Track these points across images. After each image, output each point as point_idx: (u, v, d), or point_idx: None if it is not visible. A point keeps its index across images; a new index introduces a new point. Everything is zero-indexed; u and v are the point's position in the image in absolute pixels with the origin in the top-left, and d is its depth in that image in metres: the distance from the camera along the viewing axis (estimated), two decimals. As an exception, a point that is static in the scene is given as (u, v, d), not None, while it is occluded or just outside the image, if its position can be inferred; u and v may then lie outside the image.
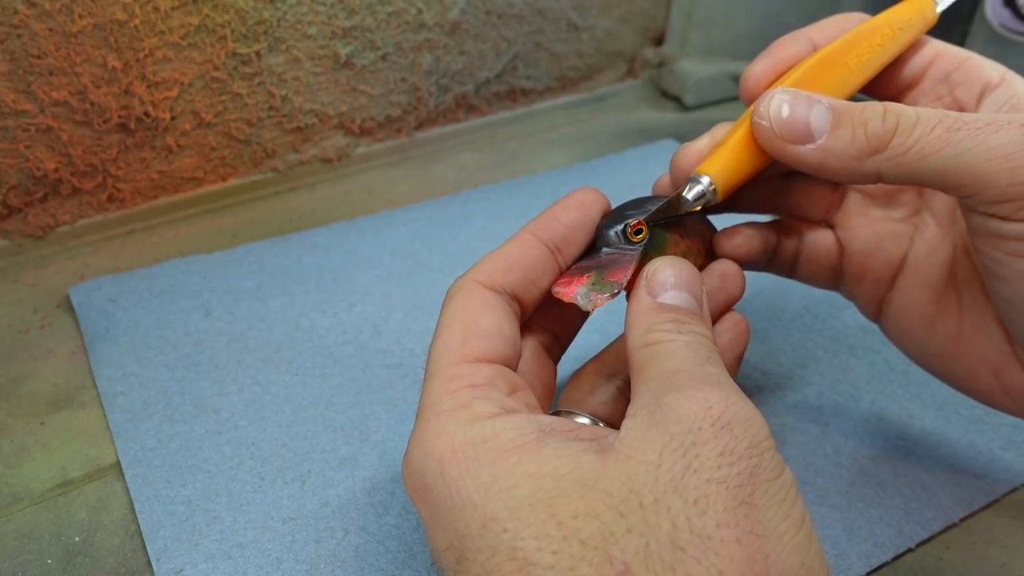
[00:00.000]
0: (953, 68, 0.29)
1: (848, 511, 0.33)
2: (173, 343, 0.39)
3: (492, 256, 0.28)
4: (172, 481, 0.33)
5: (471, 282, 0.27)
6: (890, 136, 0.25)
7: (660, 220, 0.28)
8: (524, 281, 0.27)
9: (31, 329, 0.40)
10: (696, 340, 0.24)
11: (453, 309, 0.26)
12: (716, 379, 0.22)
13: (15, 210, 0.44)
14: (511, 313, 0.27)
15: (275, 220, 0.48)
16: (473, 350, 0.25)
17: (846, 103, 0.26)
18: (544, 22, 0.55)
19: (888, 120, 0.25)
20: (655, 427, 0.21)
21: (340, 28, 0.48)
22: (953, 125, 0.24)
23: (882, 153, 0.25)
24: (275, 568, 0.30)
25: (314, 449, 0.35)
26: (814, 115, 0.26)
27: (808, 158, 0.26)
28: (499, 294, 0.27)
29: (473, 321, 0.26)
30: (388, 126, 0.53)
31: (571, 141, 0.56)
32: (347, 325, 0.40)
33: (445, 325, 0.26)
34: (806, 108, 0.26)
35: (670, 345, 0.24)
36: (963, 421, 0.37)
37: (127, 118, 0.44)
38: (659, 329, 0.24)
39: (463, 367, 0.25)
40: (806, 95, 0.26)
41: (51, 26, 0.40)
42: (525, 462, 0.22)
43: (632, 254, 0.27)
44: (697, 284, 0.26)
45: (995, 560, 0.32)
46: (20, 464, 0.34)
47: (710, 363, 0.23)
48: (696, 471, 0.20)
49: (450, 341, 0.25)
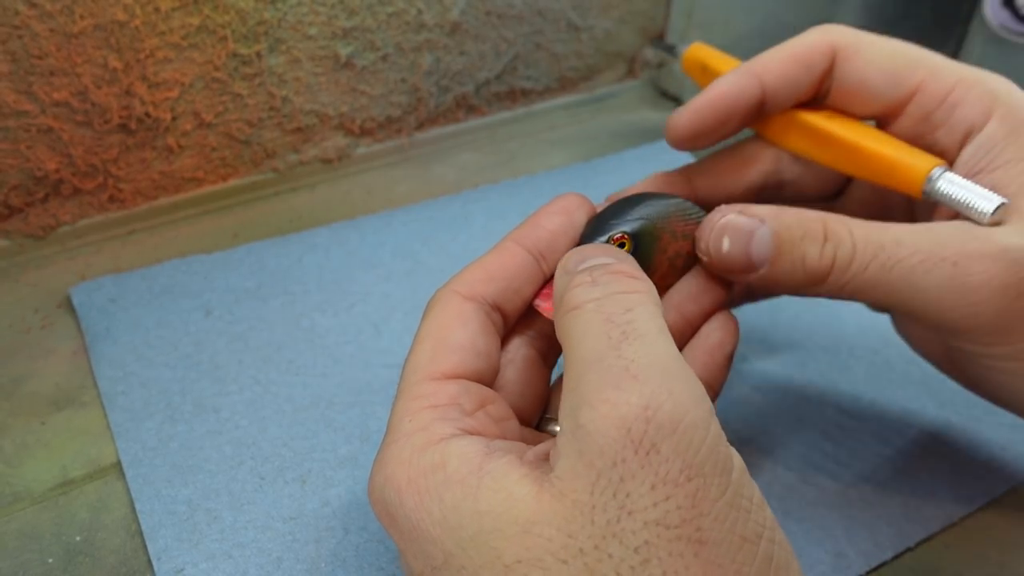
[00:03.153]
0: (935, 105, 0.27)
1: (847, 510, 0.33)
2: (174, 343, 0.39)
3: (473, 265, 0.27)
4: (173, 481, 0.33)
5: (449, 293, 0.26)
6: (827, 272, 0.25)
7: (648, 225, 0.27)
8: (506, 291, 0.27)
9: (32, 329, 0.41)
10: (610, 297, 0.22)
11: (428, 322, 0.26)
12: (634, 368, 0.20)
13: (16, 210, 0.44)
14: (489, 325, 0.26)
15: (275, 220, 0.48)
16: (441, 366, 0.25)
17: (789, 226, 0.25)
18: (544, 23, 0.55)
19: (825, 256, 0.25)
20: (580, 459, 0.20)
21: (340, 29, 0.48)
22: (886, 263, 0.24)
23: (823, 284, 0.25)
24: (276, 567, 0.30)
25: (314, 449, 0.35)
26: (755, 246, 0.25)
27: (755, 282, 0.26)
28: (478, 305, 0.26)
29: (445, 335, 0.25)
30: (388, 126, 0.53)
31: (571, 141, 0.56)
32: (347, 325, 0.40)
33: (419, 340, 0.26)
34: (746, 240, 0.25)
35: (583, 314, 0.22)
36: (962, 421, 0.37)
37: (128, 118, 0.44)
38: (575, 285, 0.23)
39: (427, 385, 0.24)
40: (748, 223, 0.26)
41: (52, 27, 0.40)
42: (467, 498, 0.21)
43: None
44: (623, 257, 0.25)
45: (994, 559, 0.32)
46: (21, 464, 0.34)
47: (628, 336, 0.21)
48: (631, 513, 0.19)
49: (419, 357, 0.25)
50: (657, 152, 0.54)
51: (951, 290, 0.24)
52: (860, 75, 0.28)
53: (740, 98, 0.28)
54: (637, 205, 0.28)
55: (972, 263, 0.24)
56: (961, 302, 0.24)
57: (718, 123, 0.29)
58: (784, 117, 0.30)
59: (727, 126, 0.29)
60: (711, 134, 0.29)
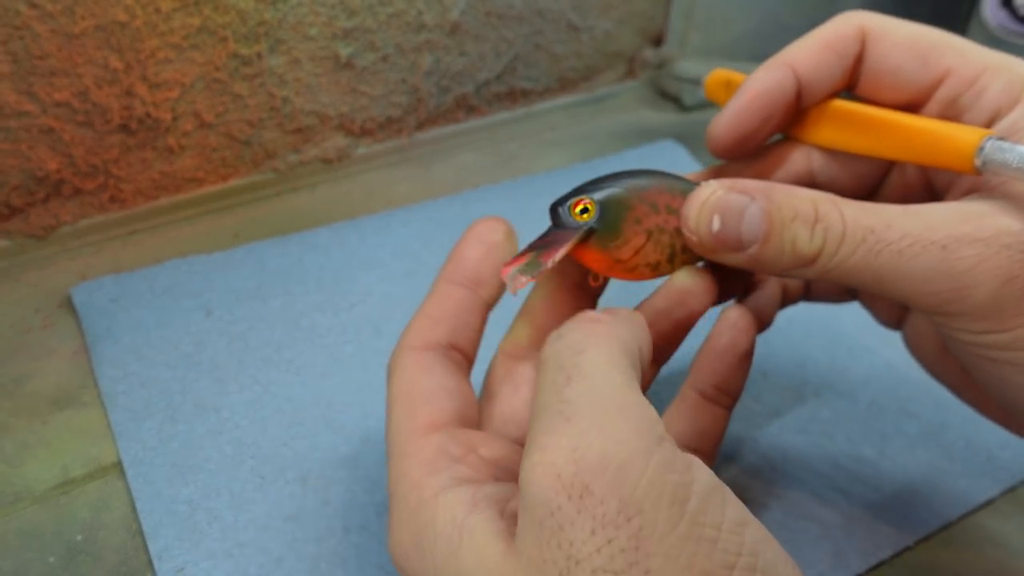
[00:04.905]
0: (964, 89, 0.27)
1: (846, 510, 0.33)
2: (174, 343, 0.39)
3: (416, 318, 0.27)
4: (173, 480, 0.33)
5: (404, 351, 0.27)
6: (815, 255, 0.24)
7: (619, 192, 0.26)
8: (455, 328, 0.27)
9: (33, 329, 0.41)
10: (565, 345, 0.21)
11: (394, 385, 0.26)
12: (568, 410, 0.19)
13: (17, 210, 0.44)
14: (451, 365, 0.27)
15: (276, 220, 0.48)
16: (420, 420, 0.25)
17: (780, 205, 0.24)
18: (544, 23, 0.55)
19: (815, 239, 0.24)
20: (525, 513, 0.19)
21: (341, 29, 0.48)
22: (874, 247, 0.23)
23: (810, 267, 0.24)
24: (276, 567, 0.30)
25: (315, 448, 0.35)
26: (746, 225, 0.24)
27: (740, 262, 0.25)
28: (434, 351, 0.26)
29: (413, 390, 0.25)
30: (388, 127, 0.53)
31: (571, 142, 0.57)
32: (347, 325, 0.41)
33: (391, 402, 0.26)
34: (737, 220, 0.24)
35: (541, 369, 0.22)
36: (961, 421, 0.37)
37: (128, 119, 0.44)
38: (547, 343, 0.22)
39: (413, 443, 0.24)
40: (739, 200, 0.24)
41: (53, 27, 0.40)
42: (451, 556, 0.21)
43: (571, 233, 0.25)
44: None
45: (993, 559, 0.32)
46: (22, 463, 0.34)
47: (572, 379, 0.20)
48: (578, 562, 0.18)
49: (398, 418, 0.25)
50: (657, 152, 0.54)
51: (940, 273, 0.23)
52: (891, 59, 0.27)
53: (778, 91, 0.27)
54: (618, 177, 0.27)
55: (962, 246, 0.23)
56: (950, 286, 0.23)
57: (760, 123, 0.28)
58: (817, 109, 0.29)
59: (769, 125, 0.28)
60: (754, 136, 0.28)
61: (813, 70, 0.27)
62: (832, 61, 0.27)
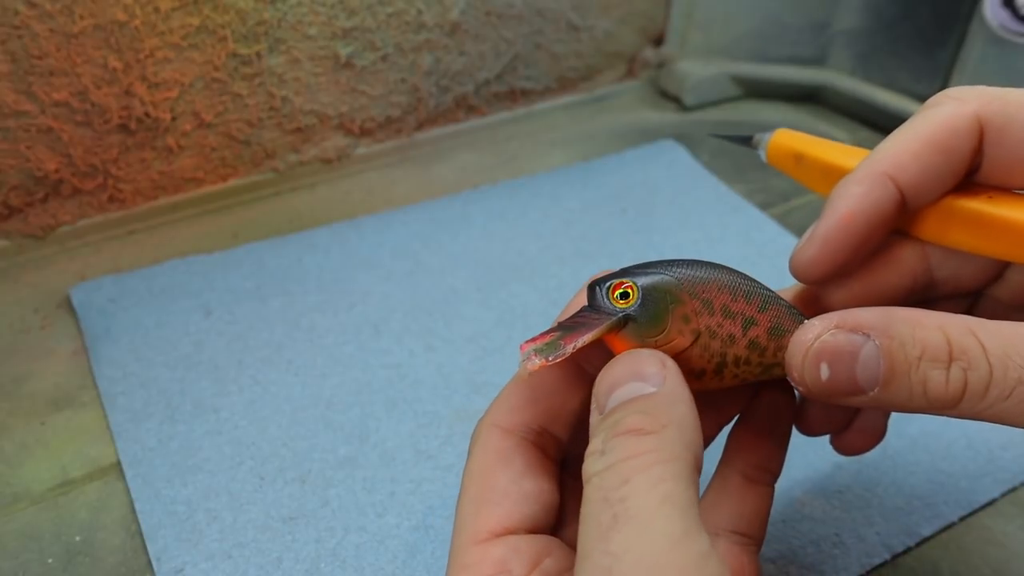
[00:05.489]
0: None
1: (847, 511, 0.33)
2: (173, 343, 0.39)
3: (508, 388, 0.24)
4: (172, 481, 0.33)
5: (488, 428, 0.24)
6: (956, 400, 0.20)
7: (669, 282, 0.23)
8: (550, 411, 0.24)
9: (32, 329, 0.41)
10: (610, 468, 0.19)
11: (471, 467, 0.24)
12: (617, 571, 0.17)
13: (16, 210, 0.44)
14: (536, 457, 0.24)
15: (275, 220, 0.48)
16: (487, 523, 0.22)
17: (903, 342, 0.20)
18: (544, 23, 0.55)
19: (953, 382, 0.20)
20: None
21: (340, 29, 0.48)
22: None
23: (952, 410, 0.21)
24: (275, 567, 0.30)
25: (314, 449, 0.35)
26: (861, 369, 0.21)
27: (861, 405, 0.22)
28: (520, 439, 0.24)
29: (486, 484, 0.23)
30: (388, 126, 0.53)
31: (571, 141, 0.56)
32: (347, 325, 0.40)
33: (464, 488, 0.23)
34: (849, 364, 0.21)
35: (587, 491, 0.19)
36: (962, 421, 0.37)
37: (128, 118, 0.44)
38: (588, 453, 0.20)
39: (474, 552, 0.22)
40: (850, 342, 0.21)
41: (52, 27, 0.40)
42: None
43: (604, 319, 0.22)
44: (655, 367, 0.21)
45: (994, 560, 0.32)
46: (21, 464, 0.34)
47: (619, 520, 0.18)
48: None
49: (464, 513, 0.23)
50: (657, 152, 0.54)
51: None
52: (1019, 149, 0.23)
53: (875, 212, 0.23)
54: (676, 263, 0.23)
55: None
56: None
57: (856, 249, 0.23)
58: (934, 210, 0.24)
59: (866, 248, 0.24)
60: (850, 263, 0.24)
61: (919, 178, 0.23)
62: (942, 164, 0.23)
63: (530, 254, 0.45)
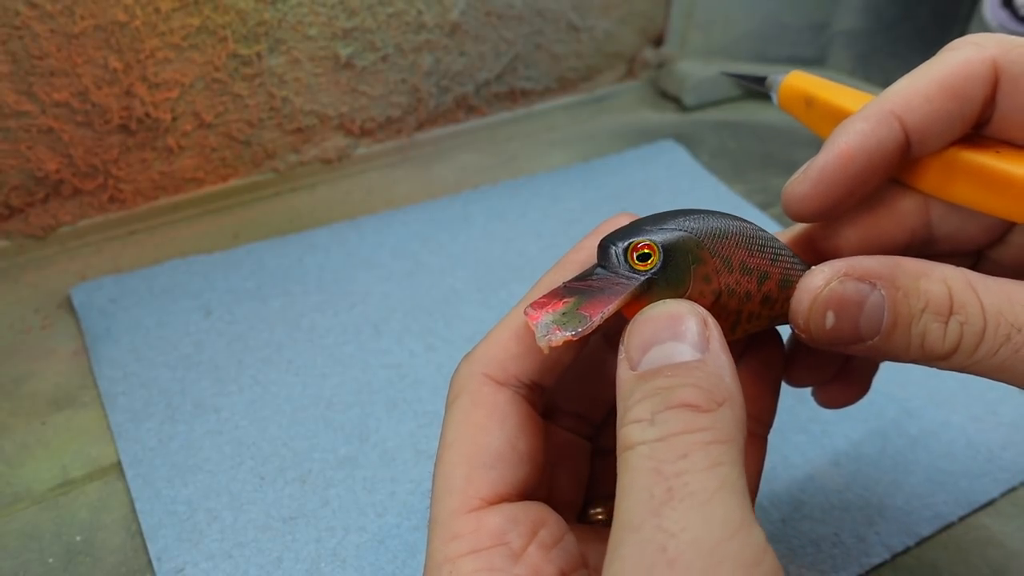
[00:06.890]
0: None
1: (847, 510, 0.33)
2: (174, 343, 0.39)
3: (501, 334, 0.22)
4: (173, 481, 0.33)
5: (478, 378, 0.22)
6: (949, 353, 0.20)
7: (690, 240, 0.21)
8: (547, 363, 0.22)
9: (32, 329, 0.41)
10: (664, 440, 0.18)
11: (455, 420, 0.22)
12: (673, 548, 0.16)
13: (16, 211, 0.44)
14: (529, 414, 0.22)
15: (275, 220, 0.48)
16: (480, 490, 0.21)
17: (908, 293, 0.20)
18: (544, 23, 0.55)
19: (950, 336, 0.20)
20: None
21: (340, 29, 0.48)
22: (1022, 347, 0.20)
23: (939, 363, 0.21)
24: (275, 567, 0.30)
25: (314, 449, 0.35)
26: (865, 319, 0.20)
27: (854, 352, 0.22)
28: (514, 391, 0.22)
29: (478, 443, 0.21)
30: (388, 127, 0.53)
31: (571, 142, 0.57)
32: (347, 325, 0.41)
33: (447, 445, 0.21)
34: (856, 313, 0.20)
35: (632, 459, 0.18)
36: (961, 421, 0.37)
37: (128, 119, 0.44)
38: (631, 420, 0.18)
39: (466, 520, 0.20)
40: (857, 290, 0.20)
41: (52, 27, 0.40)
42: None
43: (625, 284, 0.20)
44: (696, 327, 0.19)
45: (993, 559, 0.32)
46: (21, 464, 0.34)
47: (674, 495, 0.17)
48: None
49: (452, 475, 0.21)
50: (657, 153, 0.54)
51: None
52: None
53: (878, 151, 0.22)
54: (687, 215, 0.22)
55: None
56: None
57: (852, 188, 0.22)
58: (938, 160, 0.23)
59: (864, 189, 0.22)
60: (844, 203, 0.22)
61: (927, 121, 0.22)
62: (953, 109, 0.22)
63: (530, 254, 0.45)
